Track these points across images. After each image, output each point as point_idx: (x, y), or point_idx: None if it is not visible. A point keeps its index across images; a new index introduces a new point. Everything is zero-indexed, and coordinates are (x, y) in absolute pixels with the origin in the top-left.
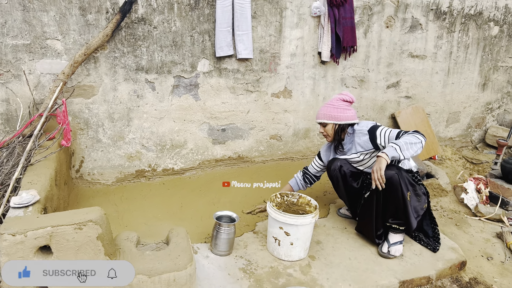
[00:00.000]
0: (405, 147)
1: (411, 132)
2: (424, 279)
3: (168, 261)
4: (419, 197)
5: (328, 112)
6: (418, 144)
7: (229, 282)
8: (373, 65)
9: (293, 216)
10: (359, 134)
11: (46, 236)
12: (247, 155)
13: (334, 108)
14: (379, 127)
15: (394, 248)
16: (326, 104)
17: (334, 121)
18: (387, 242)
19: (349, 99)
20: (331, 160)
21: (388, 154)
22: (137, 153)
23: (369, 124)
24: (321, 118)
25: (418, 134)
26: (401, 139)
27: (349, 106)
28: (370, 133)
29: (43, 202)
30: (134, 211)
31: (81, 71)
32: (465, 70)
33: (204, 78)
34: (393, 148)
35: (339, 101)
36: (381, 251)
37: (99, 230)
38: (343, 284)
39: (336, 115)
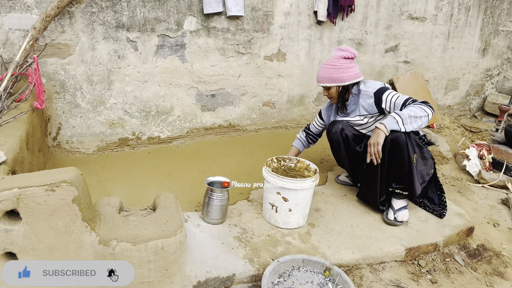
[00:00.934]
0: (408, 121)
1: (418, 103)
2: (431, 246)
3: (155, 227)
4: (425, 161)
5: (329, 74)
6: (424, 118)
7: (223, 251)
8: (371, 27)
9: (292, 180)
10: (364, 96)
11: (13, 199)
12: (239, 123)
13: (336, 69)
14: (386, 91)
15: (400, 214)
16: (326, 64)
17: (337, 84)
18: (391, 209)
19: (351, 55)
20: (332, 122)
21: (387, 126)
22: (120, 119)
23: (376, 85)
24: (323, 81)
25: (426, 106)
26: (405, 110)
27: (352, 63)
28: (376, 96)
29: (10, 164)
30: (117, 180)
31: (54, 27)
32: (466, 34)
33: (191, 38)
34: (394, 120)
35: (340, 59)
36: (387, 218)
37: (74, 192)
38: (346, 252)
39: (338, 77)
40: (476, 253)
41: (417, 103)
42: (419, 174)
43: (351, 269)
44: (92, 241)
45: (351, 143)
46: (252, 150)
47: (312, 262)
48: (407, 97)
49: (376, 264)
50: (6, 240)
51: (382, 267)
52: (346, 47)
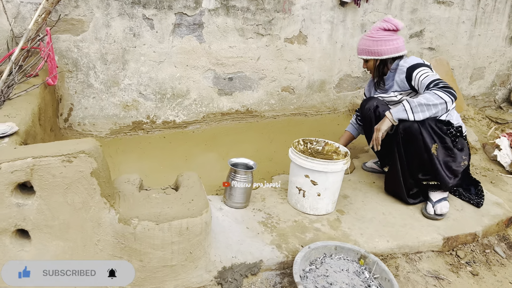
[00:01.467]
0: (419, 109)
1: (437, 88)
2: (469, 236)
3: (179, 205)
4: (450, 151)
5: (367, 46)
6: (440, 105)
7: (248, 236)
8: (396, 10)
9: (322, 162)
10: (400, 71)
11: (26, 169)
12: (256, 109)
13: (374, 41)
14: (418, 67)
15: (439, 206)
16: (365, 36)
17: (374, 57)
18: (430, 202)
19: (392, 27)
20: (367, 98)
21: (393, 114)
22: (134, 101)
23: (413, 61)
24: (361, 53)
25: (444, 92)
26: (419, 97)
27: (393, 35)
28: (408, 71)
29: (23, 135)
30: (132, 163)
31: (68, 1)
32: (493, 20)
33: (209, 17)
34: (402, 107)
35: (379, 31)
36: (426, 212)
37: (93, 164)
38: (380, 240)
39: (376, 50)
40: None
41: (437, 88)
42: (445, 166)
43: (386, 258)
44: (111, 219)
45: None
46: (271, 137)
47: (346, 250)
48: (434, 79)
49: (412, 253)
50: (18, 216)
51: (419, 257)
52: (390, 18)
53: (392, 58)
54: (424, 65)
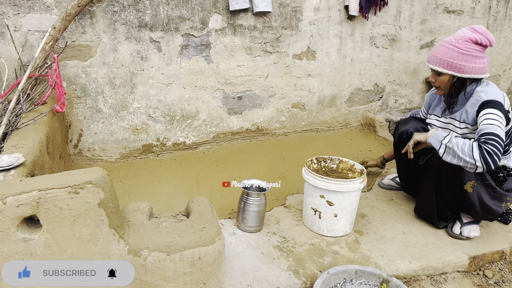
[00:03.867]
0: (450, 153)
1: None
2: (496, 254)
3: (191, 234)
4: (491, 189)
5: (448, 57)
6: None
7: (263, 262)
8: (405, 21)
9: (338, 181)
10: (474, 101)
11: (32, 203)
12: (267, 127)
13: (460, 53)
14: (491, 106)
15: (467, 228)
16: (447, 43)
17: (453, 72)
18: (459, 221)
19: (486, 42)
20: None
21: (431, 136)
22: (143, 125)
23: (492, 94)
24: (436, 63)
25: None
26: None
27: (482, 52)
28: (481, 106)
29: (29, 166)
30: (142, 188)
31: (75, 28)
32: (505, 27)
33: (216, 37)
34: (440, 137)
35: (468, 42)
36: (451, 231)
37: (101, 195)
38: (402, 261)
39: (459, 64)
40: None
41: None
42: (480, 204)
43: (409, 280)
44: (121, 250)
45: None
46: (282, 155)
47: (367, 274)
48: (490, 131)
49: (437, 275)
50: (25, 251)
51: (444, 279)
52: (483, 29)
53: (472, 79)
54: (497, 103)
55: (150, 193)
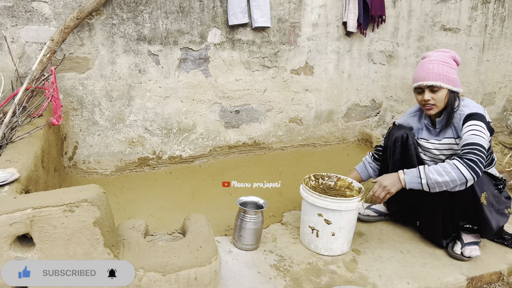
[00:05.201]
0: (436, 186)
1: (466, 160)
2: (494, 275)
3: (187, 254)
4: (498, 198)
5: (445, 72)
6: (458, 183)
7: (260, 282)
8: (402, 38)
9: (336, 200)
10: (458, 116)
11: (26, 221)
12: (264, 141)
13: (451, 68)
14: (473, 120)
15: (468, 248)
16: (435, 60)
17: (450, 86)
18: (460, 242)
19: (458, 60)
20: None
21: (407, 181)
22: (140, 137)
23: (473, 108)
24: (434, 78)
25: (468, 169)
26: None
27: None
28: (465, 119)
29: (24, 182)
30: (138, 202)
31: (73, 40)
32: (501, 45)
33: (215, 51)
34: (418, 179)
35: (451, 59)
36: (452, 251)
37: (96, 213)
38: (400, 282)
39: (453, 78)
40: None
41: (463, 160)
42: (493, 215)
43: None
44: None
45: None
46: (279, 169)
47: None
48: (472, 141)
49: None
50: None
51: None
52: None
53: (457, 93)
54: (482, 119)
55: (145, 208)
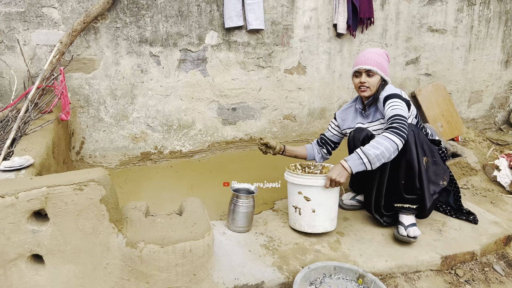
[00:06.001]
0: (376, 160)
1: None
2: (468, 255)
3: (183, 229)
4: (437, 167)
5: (380, 61)
6: (392, 150)
7: (250, 258)
8: (391, 39)
9: (311, 176)
10: (380, 100)
11: (41, 198)
12: (260, 137)
13: (385, 60)
14: (390, 98)
15: (411, 229)
16: (373, 52)
17: (383, 73)
18: (401, 225)
19: (389, 57)
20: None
21: (352, 168)
22: (142, 133)
23: (389, 91)
24: (372, 64)
25: (395, 135)
26: (373, 144)
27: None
28: (384, 101)
29: (38, 168)
30: (140, 192)
31: (80, 42)
32: (487, 45)
33: (212, 52)
34: (360, 161)
35: (384, 54)
36: (399, 234)
37: (102, 192)
38: (379, 260)
39: (386, 67)
40: None
41: (388, 130)
42: (430, 182)
43: (385, 278)
44: (119, 243)
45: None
46: (274, 163)
47: (345, 269)
48: (394, 114)
49: (411, 273)
50: (33, 242)
51: (418, 276)
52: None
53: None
54: (399, 96)
55: (147, 197)
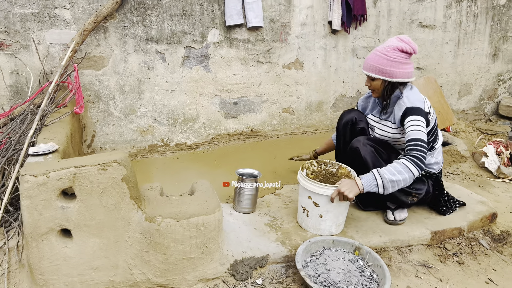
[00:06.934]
0: (390, 185)
1: (412, 157)
2: (456, 231)
3: (195, 205)
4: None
5: (379, 64)
6: (408, 180)
7: (255, 235)
8: (383, 35)
9: (323, 186)
10: (400, 106)
11: (70, 177)
12: (260, 130)
13: (389, 61)
14: (413, 114)
15: (398, 213)
16: (378, 51)
17: (384, 77)
18: (389, 210)
19: (410, 50)
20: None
21: (365, 186)
22: (149, 127)
23: (415, 101)
24: (369, 70)
25: (414, 165)
26: (390, 169)
27: (408, 59)
28: (405, 112)
29: (61, 153)
30: (149, 181)
31: (90, 41)
32: (475, 40)
33: (214, 49)
34: (374, 183)
35: (396, 51)
36: (387, 219)
37: (123, 171)
38: (374, 235)
39: (388, 70)
40: (501, 238)
41: (409, 158)
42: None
43: (379, 251)
44: (139, 218)
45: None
46: (274, 154)
47: (342, 243)
48: (414, 137)
49: (404, 247)
50: (63, 217)
51: (409, 250)
52: (407, 39)
53: (401, 82)
54: (418, 109)
55: None
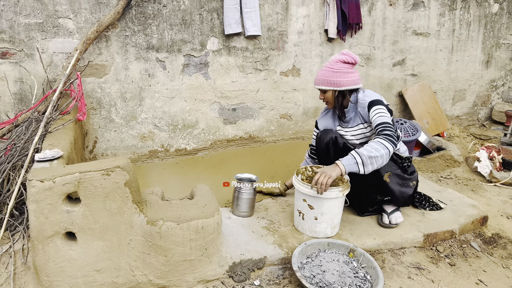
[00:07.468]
0: (369, 162)
1: (382, 137)
2: (447, 233)
3: (195, 209)
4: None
5: (326, 77)
6: (385, 156)
7: (253, 238)
8: (378, 43)
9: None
10: (361, 106)
11: (75, 182)
12: (258, 135)
13: (333, 72)
14: (375, 105)
15: (393, 216)
16: (324, 67)
17: (333, 87)
18: (384, 213)
19: (351, 60)
20: (325, 131)
21: (346, 167)
22: (150, 133)
23: (372, 96)
24: (319, 83)
25: (388, 141)
26: (366, 148)
27: (351, 68)
28: (369, 106)
29: (66, 159)
30: (149, 186)
31: (93, 50)
32: (468, 47)
33: (213, 57)
34: (354, 161)
35: (338, 63)
36: (382, 222)
37: (126, 177)
38: (368, 238)
39: (335, 81)
40: (492, 241)
41: (382, 136)
42: (397, 188)
43: (373, 253)
44: (141, 221)
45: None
46: (272, 159)
47: (337, 245)
48: (382, 121)
49: (397, 249)
50: (68, 220)
51: (403, 252)
52: (348, 52)
53: (350, 90)
54: (378, 101)
55: None
